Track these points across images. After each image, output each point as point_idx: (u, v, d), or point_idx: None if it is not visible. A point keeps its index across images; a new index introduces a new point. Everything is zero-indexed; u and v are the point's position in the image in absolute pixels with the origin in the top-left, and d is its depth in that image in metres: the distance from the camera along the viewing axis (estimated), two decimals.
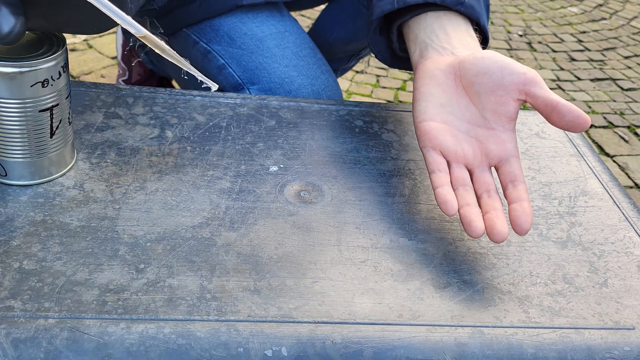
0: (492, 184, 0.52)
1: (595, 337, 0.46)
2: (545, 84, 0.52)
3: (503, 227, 0.48)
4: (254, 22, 0.86)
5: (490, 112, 0.54)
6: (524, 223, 0.49)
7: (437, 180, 0.52)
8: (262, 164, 0.59)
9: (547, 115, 0.51)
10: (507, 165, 0.52)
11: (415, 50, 0.60)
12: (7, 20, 0.41)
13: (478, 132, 0.54)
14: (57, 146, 0.53)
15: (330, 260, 0.50)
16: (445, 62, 0.57)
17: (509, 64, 0.53)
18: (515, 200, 0.50)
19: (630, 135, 1.89)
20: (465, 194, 0.51)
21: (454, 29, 0.59)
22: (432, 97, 0.56)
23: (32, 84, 0.48)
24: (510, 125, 0.53)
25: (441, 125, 0.54)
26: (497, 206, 0.50)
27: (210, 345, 0.42)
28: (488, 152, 0.53)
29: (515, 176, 0.52)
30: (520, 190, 0.51)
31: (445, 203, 0.50)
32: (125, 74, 1.46)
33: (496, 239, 0.48)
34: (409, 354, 0.43)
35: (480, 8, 0.61)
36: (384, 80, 2.03)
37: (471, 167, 0.53)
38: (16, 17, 0.42)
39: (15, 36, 0.42)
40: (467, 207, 0.50)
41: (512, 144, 0.53)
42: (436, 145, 0.54)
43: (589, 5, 2.90)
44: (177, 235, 0.50)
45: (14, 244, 0.47)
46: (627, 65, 2.35)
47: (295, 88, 0.82)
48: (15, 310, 0.42)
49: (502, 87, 0.53)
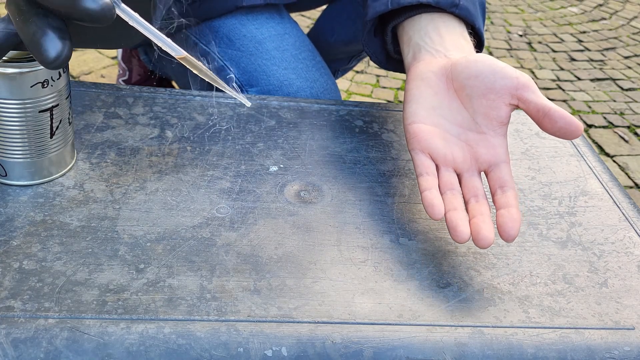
0: (481, 189, 0.52)
1: (595, 337, 0.46)
2: (538, 90, 0.52)
3: (489, 232, 0.47)
4: (254, 24, 0.86)
5: (482, 116, 0.53)
6: (510, 229, 0.48)
7: (425, 183, 0.52)
8: (262, 164, 0.59)
9: (539, 121, 0.51)
10: (497, 171, 0.52)
11: (408, 52, 0.60)
12: (54, 45, 0.40)
13: (469, 136, 0.54)
14: (57, 146, 0.53)
15: (330, 260, 0.50)
16: (437, 64, 0.56)
17: (502, 68, 0.52)
18: (503, 206, 0.50)
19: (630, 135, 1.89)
20: (453, 199, 0.51)
21: (448, 31, 0.59)
22: (423, 99, 0.55)
23: (32, 84, 0.48)
24: (501, 130, 0.53)
25: (431, 128, 0.54)
26: (484, 211, 0.50)
27: (210, 345, 0.42)
28: (478, 157, 0.53)
29: (504, 182, 0.51)
30: (509, 196, 0.50)
31: (432, 207, 0.49)
32: (125, 74, 1.46)
33: (481, 245, 0.47)
34: (409, 354, 0.43)
35: (475, 11, 0.61)
36: (384, 80, 2.03)
37: (460, 171, 0.53)
38: (63, 42, 0.40)
39: (63, 61, 0.41)
40: (454, 212, 0.49)
41: (502, 149, 0.53)
42: (425, 148, 0.53)
43: (589, 5, 2.90)
44: (177, 235, 0.50)
45: (14, 244, 0.47)
46: (627, 65, 2.35)
47: (294, 91, 0.82)
48: (15, 310, 0.42)
49: (494, 91, 0.52)
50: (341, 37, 1.05)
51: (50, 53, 0.40)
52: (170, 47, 0.44)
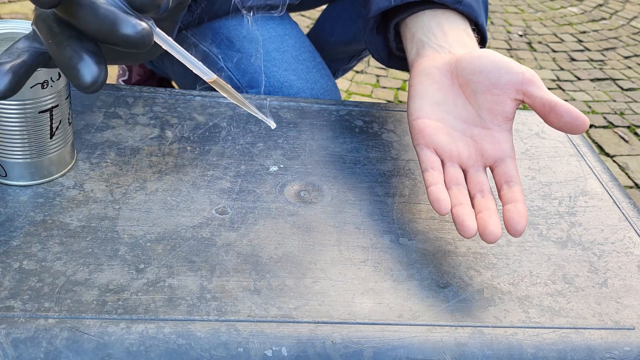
0: (487, 184, 0.52)
1: (595, 337, 0.46)
2: (544, 84, 0.52)
3: (496, 227, 0.47)
4: (254, 25, 0.86)
5: (487, 111, 0.53)
6: (517, 224, 0.47)
7: (430, 178, 0.51)
8: (262, 164, 0.59)
9: (545, 116, 0.51)
10: (503, 166, 0.52)
11: (412, 49, 0.60)
12: (91, 70, 0.39)
13: (474, 131, 0.54)
14: (57, 146, 0.53)
15: (330, 260, 0.50)
16: (442, 60, 0.56)
17: (507, 63, 0.52)
18: (510, 200, 0.49)
19: (630, 135, 1.89)
20: (459, 193, 0.51)
21: (451, 27, 0.59)
22: (428, 95, 0.55)
23: (32, 85, 0.48)
24: (506, 125, 0.53)
25: (436, 124, 0.54)
26: (490, 206, 0.49)
27: (210, 345, 0.42)
28: (483, 152, 0.53)
29: (510, 177, 0.51)
30: (516, 191, 0.50)
31: (437, 202, 0.49)
32: (125, 74, 1.46)
33: (489, 239, 0.47)
34: (409, 354, 0.43)
35: (478, 7, 0.61)
36: (384, 80, 2.03)
37: (465, 166, 0.53)
38: (99, 67, 0.40)
39: (99, 86, 0.40)
40: (460, 207, 0.49)
41: (508, 144, 0.53)
42: (430, 143, 0.53)
43: (589, 5, 2.90)
44: (177, 235, 0.50)
45: (14, 244, 0.47)
46: (627, 65, 2.35)
47: (294, 92, 0.82)
48: (15, 310, 0.42)
49: (498, 86, 0.52)
50: (341, 37, 1.05)
51: (87, 78, 0.39)
52: (201, 70, 0.44)
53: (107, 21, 0.39)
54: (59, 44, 0.41)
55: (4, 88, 0.40)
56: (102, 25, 0.39)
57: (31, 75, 0.42)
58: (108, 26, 0.39)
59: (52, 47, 0.41)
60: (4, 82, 0.40)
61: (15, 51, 0.42)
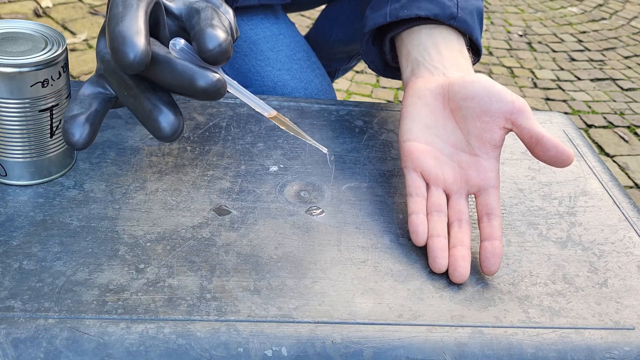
0: (466, 213, 0.52)
1: (595, 337, 0.46)
2: (533, 115, 0.52)
3: (465, 269, 0.49)
4: (248, 25, 0.86)
5: (475, 137, 0.53)
6: (492, 265, 0.49)
7: (413, 205, 0.52)
8: (262, 164, 0.59)
9: (531, 148, 0.51)
10: (486, 196, 0.52)
11: (407, 67, 0.60)
12: (169, 121, 0.41)
13: (461, 157, 0.54)
14: (57, 146, 0.53)
15: (330, 260, 0.50)
16: (435, 82, 0.56)
17: (499, 91, 0.52)
18: (487, 237, 0.50)
19: (630, 135, 1.89)
20: (438, 222, 0.51)
21: (447, 47, 0.59)
22: (419, 117, 0.56)
23: (32, 84, 0.48)
24: (494, 153, 0.53)
25: (425, 147, 0.54)
26: (464, 241, 0.50)
27: (210, 345, 0.42)
28: (468, 180, 0.53)
29: (491, 209, 0.52)
30: (495, 225, 0.51)
31: (416, 233, 0.51)
32: None
33: (456, 281, 0.49)
34: (409, 354, 0.43)
35: (473, 22, 0.61)
36: (384, 80, 2.03)
37: (449, 192, 0.54)
38: (177, 117, 0.41)
39: (178, 135, 0.41)
40: (437, 239, 0.50)
41: (493, 173, 0.53)
42: (417, 167, 0.54)
43: (589, 5, 2.90)
44: (177, 235, 0.50)
45: (14, 244, 0.47)
46: (627, 65, 2.35)
47: (288, 92, 0.82)
48: (15, 310, 0.42)
49: (488, 113, 0.53)
50: (340, 37, 1.05)
51: (167, 130, 0.41)
52: (261, 107, 0.46)
53: (185, 76, 0.40)
54: (135, 96, 0.42)
55: (83, 140, 0.42)
56: (180, 80, 0.40)
57: (102, 121, 0.43)
58: (187, 81, 0.40)
59: (129, 100, 0.42)
60: (83, 135, 0.42)
61: (84, 99, 0.43)
